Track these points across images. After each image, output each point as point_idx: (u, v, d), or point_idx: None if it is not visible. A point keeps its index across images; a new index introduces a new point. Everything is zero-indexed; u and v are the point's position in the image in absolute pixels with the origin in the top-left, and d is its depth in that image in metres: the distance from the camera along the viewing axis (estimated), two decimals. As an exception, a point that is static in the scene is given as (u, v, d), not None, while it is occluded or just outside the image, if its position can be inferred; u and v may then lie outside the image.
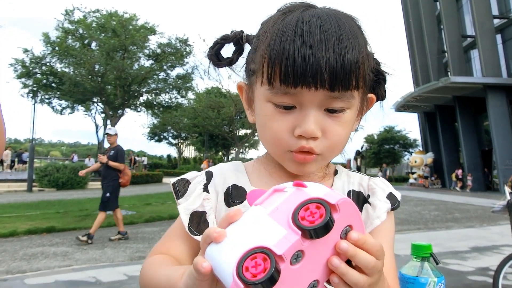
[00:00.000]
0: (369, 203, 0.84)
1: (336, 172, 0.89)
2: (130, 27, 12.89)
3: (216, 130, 19.21)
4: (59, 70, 13.67)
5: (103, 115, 16.87)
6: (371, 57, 0.78)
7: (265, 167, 0.87)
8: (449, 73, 27.95)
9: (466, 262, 6.29)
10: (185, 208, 0.82)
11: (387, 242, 0.80)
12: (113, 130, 7.62)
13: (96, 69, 12.33)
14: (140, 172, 28.88)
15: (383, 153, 42.90)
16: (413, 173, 34.42)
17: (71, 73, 13.00)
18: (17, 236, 7.73)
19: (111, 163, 7.17)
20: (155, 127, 42.87)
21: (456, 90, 25.96)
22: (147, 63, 13.80)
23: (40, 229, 8.14)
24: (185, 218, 0.81)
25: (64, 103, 16.34)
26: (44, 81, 15.03)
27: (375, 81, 0.85)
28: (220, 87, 15.38)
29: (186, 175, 0.87)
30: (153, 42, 13.73)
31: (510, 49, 25.63)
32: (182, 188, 0.85)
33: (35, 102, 17.57)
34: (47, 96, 15.94)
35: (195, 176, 0.86)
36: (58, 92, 14.83)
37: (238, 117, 17.02)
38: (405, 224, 10.12)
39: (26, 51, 14.46)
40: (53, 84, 14.86)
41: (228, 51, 0.90)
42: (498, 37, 25.76)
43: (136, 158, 39.42)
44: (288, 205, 0.54)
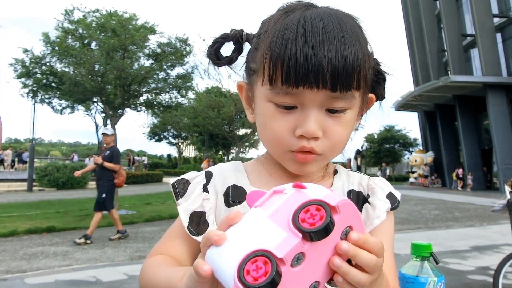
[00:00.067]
0: (369, 203, 0.84)
1: (336, 172, 0.88)
2: (130, 27, 12.86)
3: (216, 130, 19.19)
4: (59, 70, 13.65)
5: (103, 115, 16.87)
6: (372, 57, 0.78)
7: (265, 167, 0.86)
8: (449, 72, 27.94)
9: (466, 262, 6.29)
10: (185, 209, 0.82)
11: (387, 242, 0.80)
12: (110, 130, 7.59)
13: (96, 69, 12.29)
14: (140, 172, 28.90)
15: (383, 153, 42.87)
16: (413, 172, 34.43)
17: (71, 73, 12.97)
18: (17, 236, 7.74)
19: (106, 164, 7.12)
20: (155, 127, 42.86)
21: (456, 89, 25.96)
22: (147, 63, 13.78)
23: (40, 229, 8.14)
24: (185, 219, 0.81)
25: (64, 103, 16.34)
26: (44, 81, 15.02)
27: (375, 81, 0.84)
28: (220, 87, 15.38)
29: (186, 175, 0.87)
30: (153, 42, 13.71)
31: (510, 48, 25.61)
32: (182, 189, 0.84)
33: (35, 102, 17.56)
34: (47, 96, 15.93)
35: (195, 176, 0.86)
36: (58, 92, 14.81)
37: (238, 117, 17.02)
38: (405, 224, 10.12)
39: (26, 51, 14.44)
40: (53, 84, 14.84)
41: (228, 50, 0.89)
42: (498, 36, 25.76)
43: (136, 158, 39.47)
44: (288, 207, 0.53)
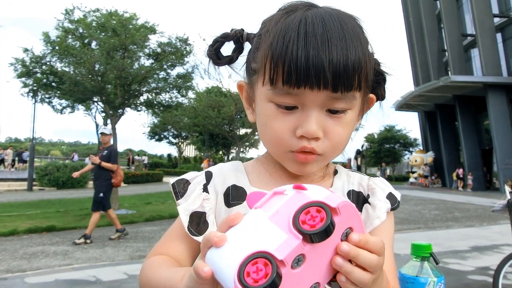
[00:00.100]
0: (369, 203, 0.84)
1: (336, 172, 0.88)
2: (130, 27, 12.86)
3: (217, 129, 19.18)
4: (59, 70, 13.65)
5: (104, 115, 16.84)
6: (373, 57, 0.78)
7: (265, 167, 0.86)
8: (449, 72, 27.94)
9: (466, 262, 6.28)
10: (185, 209, 0.82)
11: (387, 242, 0.80)
12: (108, 130, 7.57)
13: (96, 69, 12.29)
14: (141, 171, 28.91)
15: (384, 152, 42.86)
16: (414, 172, 34.42)
17: (71, 73, 12.97)
18: (17, 235, 7.74)
19: (104, 164, 7.09)
20: (156, 126, 42.87)
21: (456, 89, 25.95)
22: (147, 63, 13.78)
23: (40, 228, 8.15)
24: (185, 219, 0.81)
25: (64, 103, 16.32)
26: (44, 81, 15.02)
27: (375, 81, 0.84)
28: (220, 87, 15.38)
29: (186, 176, 0.87)
30: (153, 42, 13.71)
31: (510, 48, 25.60)
32: (182, 189, 0.84)
33: (36, 102, 17.56)
34: (47, 96, 15.92)
35: (195, 177, 0.86)
36: (58, 92, 14.80)
37: (239, 116, 17.02)
38: (405, 224, 10.12)
39: (26, 51, 14.44)
40: (53, 84, 14.84)
41: (228, 50, 0.89)
42: (499, 36, 25.74)
43: (137, 157, 39.49)
44: (289, 209, 0.53)
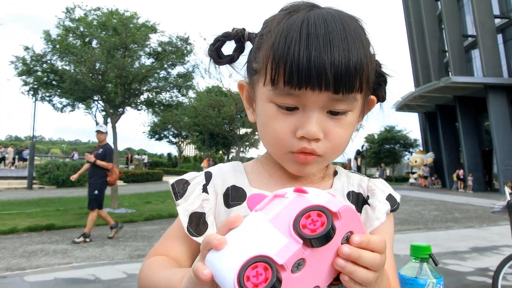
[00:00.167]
0: (369, 204, 0.84)
1: (336, 173, 0.88)
2: (131, 26, 12.81)
3: (217, 129, 19.17)
4: (60, 68, 13.60)
5: (104, 113, 16.81)
6: (374, 59, 0.78)
7: (265, 168, 0.86)
8: (450, 73, 27.95)
9: (466, 263, 6.29)
10: (184, 209, 0.81)
11: (387, 243, 0.79)
12: (104, 128, 7.54)
13: (97, 67, 12.27)
14: (141, 171, 28.94)
15: (384, 153, 42.85)
16: (413, 173, 34.43)
17: (72, 71, 12.94)
18: (17, 233, 7.75)
19: (99, 162, 7.06)
20: (156, 126, 42.85)
21: (457, 90, 25.94)
22: (148, 62, 13.73)
23: (40, 227, 8.15)
24: (184, 219, 0.81)
25: (65, 101, 16.25)
26: (45, 79, 14.96)
27: (376, 83, 0.84)
28: (221, 86, 15.36)
29: (185, 176, 0.86)
30: (154, 41, 13.65)
31: (511, 49, 25.60)
32: (181, 189, 0.84)
33: (36, 100, 17.52)
34: (48, 94, 15.86)
35: (194, 177, 0.86)
36: (59, 90, 14.75)
37: (239, 116, 17.00)
38: (405, 224, 10.12)
39: (27, 49, 14.39)
40: (54, 82, 14.78)
41: (229, 49, 0.89)
42: (499, 37, 25.74)
43: (137, 156, 39.52)
44: (289, 212, 0.53)
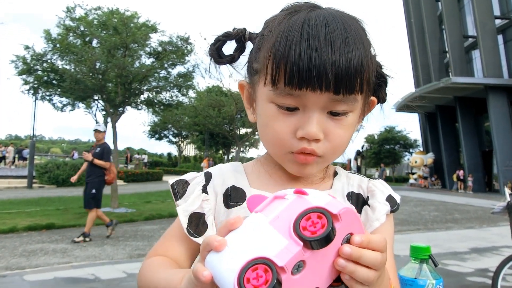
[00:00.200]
0: (369, 205, 0.84)
1: (336, 174, 0.88)
2: (132, 25, 12.81)
3: (217, 129, 19.18)
4: (60, 67, 13.60)
5: (104, 113, 16.80)
6: (375, 60, 0.78)
7: (265, 168, 0.86)
8: (450, 74, 27.93)
9: (466, 263, 6.29)
10: (184, 210, 0.81)
11: (387, 244, 0.80)
12: (103, 127, 7.52)
13: (97, 67, 12.26)
14: (141, 170, 28.96)
15: (384, 153, 42.84)
16: (413, 174, 34.43)
17: (72, 71, 12.94)
18: (17, 233, 7.75)
19: (96, 161, 7.06)
20: (156, 125, 42.85)
21: (457, 91, 25.94)
22: (148, 61, 13.72)
23: (40, 226, 8.16)
24: (184, 220, 0.81)
25: (65, 100, 16.25)
26: (45, 78, 14.96)
27: (377, 84, 0.84)
28: (221, 86, 15.37)
29: (185, 176, 0.86)
30: (154, 40, 13.64)
31: (512, 50, 25.62)
32: (181, 189, 0.84)
33: (36, 99, 17.53)
34: (48, 93, 15.85)
35: (194, 177, 0.86)
36: (59, 89, 14.75)
37: (239, 116, 17.01)
38: (405, 225, 10.12)
39: (27, 48, 14.39)
40: (54, 81, 14.77)
41: (230, 49, 0.89)
42: (500, 38, 25.73)
43: (137, 156, 39.54)
44: (289, 214, 0.53)
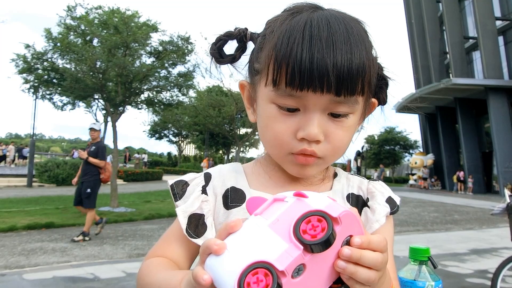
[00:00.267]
0: (368, 207, 0.83)
1: (336, 175, 0.88)
2: (132, 24, 12.80)
3: (217, 129, 19.20)
4: (61, 66, 13.60)
5: (104, 112, 16.81)
6: (376, 62, 0.78)
7: (264, 169, 0.86)
8: (451, 75, 27.94)
9: (465, 264, 6.29)
10: (183, 211, 0.81)
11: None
12: (98, 125, 7.49)
13: (98, 66, 12.27)
14: (140, 170, 28.96)
15: (384, 154, 42.87)
16: (413, 175, 34.44)
17: (73, 69, 12.94)
18: (16, 231, 7.74)
19: (91, 160, 7.05)
20: (156, 125, 42.86)
21: (457, 92, 25.95)
22: (149, 61, 13.71)
23: (39, 225, 8.15)
24: (183, 221, 0.80)
25: (65, 99, 16.25)
26: (46, 77, 14.95)
27: (378, 86, 0.84)
28: (221, 86, 15.39)
29: (185, 177, 0.86)
30: (155, 40, 13.63)
31: (512, 52, 25.61)
32: (180, 190, 0.84)
33: (36, 98, 17.53)
34: (48, 92, 15.85)
35: (194, 178, 0.85)
36: (59, 88, 14.75)
37: (239, 116, 17.04)
38: (404, 226, 10.12)
39: (28, 47, 14.38)
40: (55, 80, 14.77)
41: (231, 49, 0.88)
42: (500, 39, 25.74)
43: (137, 155, 39.54)
44: (289, 217, 0.53)
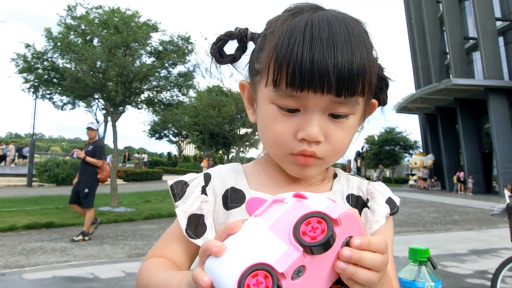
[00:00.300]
0: (368, 208, 0.83)
1: (335, 176, 0.88)
2: (133, 24, 12.79)
3: (217, 129, 19.20)
4: (61, 66, 13.59)
5: (104, 112, 16.82)
6: (377, 63, 0.78)
7: (264, 170, 0.86)
8: (451, 75, 27.94)
9: (465, 265, 6.28)
10: (183, 211, 0.81)
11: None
12: (95, 125, 7.48)
13: (98, 66, 12.27)
14: (140, 169, 28.97)
15: (384, 154, 42.89)
16: (413, 175, 34.44)
17: (73, 69, 12.94)
18: (16, 231, 7.74)
19: (88, 159, 7.04)
20: (156, 125, 42.84)
21: (458, 92, 25.95)
22: (149, 61, 13.70)
23: (39, 224, 8.15)
24: (183, 221, 0.80)
25: (65, 99, 16.24)
26: (46, 77, 14.94)
27: (378, 87, 0.83)
28: (222, 86, 15.40)
29: (184, 177, 0.86)
30: (155, 40, 13.62)
31: (512, 52, 25.61)
32: (180, 190, 0.83)
33: (36, 97, 17.52)
34: (48, 92, 15.84)
35: (193, 178, 0.85)
36: (59, 88, 14.74)
37: (239, 116, 17.04)
38: (404, 226, 10.12)
39: (28, 46, 14.36)
40: (55, 80, 14.76)
41: (231, 49, 0.88)
42: (501, 39, 25.74)
43: (137, 155, 39.57)
44: (289, 218, 0.53)
